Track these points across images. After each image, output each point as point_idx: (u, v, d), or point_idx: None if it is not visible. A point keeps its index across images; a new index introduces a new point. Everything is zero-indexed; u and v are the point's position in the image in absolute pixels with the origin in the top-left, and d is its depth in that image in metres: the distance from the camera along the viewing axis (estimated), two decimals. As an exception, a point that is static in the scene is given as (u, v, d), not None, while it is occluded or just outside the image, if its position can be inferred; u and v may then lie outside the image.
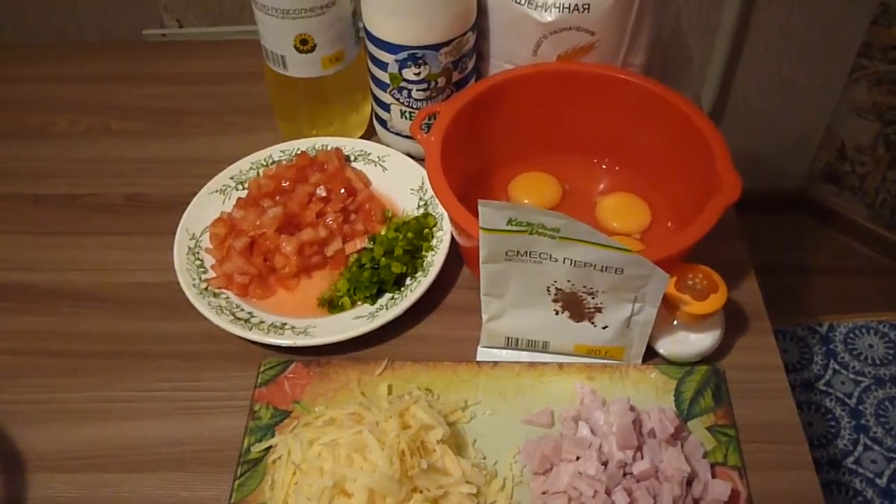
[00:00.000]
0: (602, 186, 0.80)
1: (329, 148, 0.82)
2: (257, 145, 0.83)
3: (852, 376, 1.37)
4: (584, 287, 0.62)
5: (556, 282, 0.62)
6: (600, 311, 0.64)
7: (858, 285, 1.68)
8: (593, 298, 0.63)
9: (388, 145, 0.84)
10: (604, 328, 0.65)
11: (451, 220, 0.68)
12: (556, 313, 0.65)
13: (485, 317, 0.67)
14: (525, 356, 0.69)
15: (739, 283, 0.73)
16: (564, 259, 0.60)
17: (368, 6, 0.75)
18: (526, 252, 0.60)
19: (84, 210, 0.83)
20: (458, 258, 0.75)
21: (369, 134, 0.87)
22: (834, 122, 1.66)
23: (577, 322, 0.65)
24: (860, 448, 1.27)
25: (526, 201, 0.79)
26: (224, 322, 0.68)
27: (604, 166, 0.81)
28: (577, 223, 0.56)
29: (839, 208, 1.78)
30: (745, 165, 0.70)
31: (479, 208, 0.57)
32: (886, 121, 1.62)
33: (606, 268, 0.59)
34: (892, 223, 1.71)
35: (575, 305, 0.64)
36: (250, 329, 0.68)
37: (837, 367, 1.38)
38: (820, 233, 1.79)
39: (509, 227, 0.58)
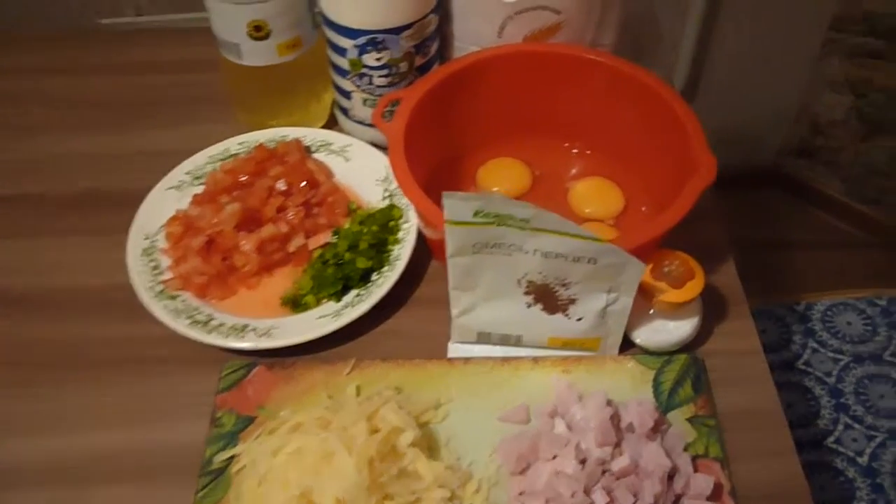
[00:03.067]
0: (574, 171, 0.78)
1: (289, 139, 0.78)
2: (215, 137, 0.80)
3: (831, 354, 1.36)
4: (557, 278, 0.59)
5: (527, 274, 0.59)
6: (574, 303, 0.61)
7: (834, 259, 1.67)
8: (566, 290, 0.60)
9: (350, 134, 0.80)
10: (578, 320, 0.63)
11: (417, 211, 0.65)
12: (529, 306, 0.62)
13: (454, 311, 0.64)
14: (498, 350, 0.66)
15: (717, 266, 0.71)
16: (535, 250, 0.57)
17: (325, -11, 0.72)
18: (494, 244, 0.57)
19: (31, 208, 0.79)
20: (427, 250, 0.72)
21: (331, 123, 0.84)
22: (807, 96, 1.64)
23: (551, 314, 0.63)
24: (840, 427, 1.26)
25: (495, 189, 0.76)
26: (182, 326, 0.65)
27: (575, 150, 0.79)
28: (547, 213, 0.54)
29: (813, 183, 1.77)
30: (718, 141, 0.68)
31: (444, 200, 0.54)
32: (859, 94, 1.61)
33: (579, 258, 0.57)
34: (866, 197, 1.71)
35: (548, 297, 0.61)
36: (210, 333, 0.65)
37: (816, 345, 1.37)
38: (794, 207, 1.78)
39: (476, 220, 0.55)
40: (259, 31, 0.73)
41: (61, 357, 0.68)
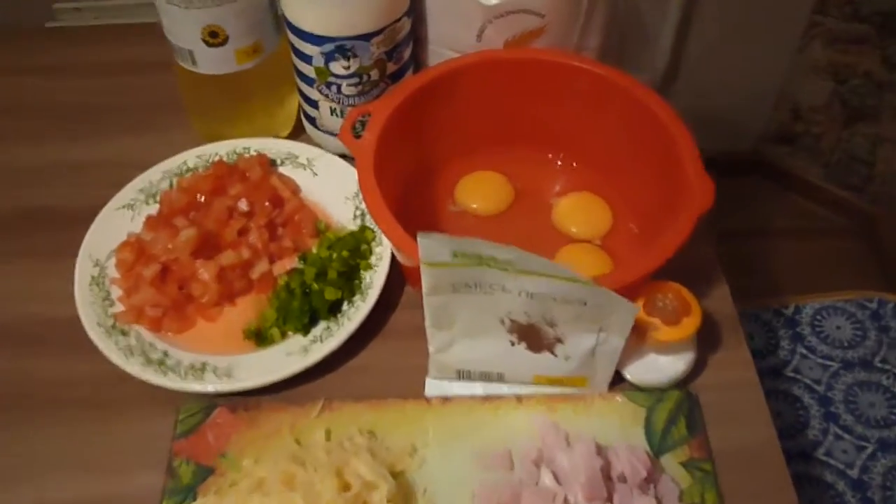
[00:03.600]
0: (558, 187, 0.73)
1: (251, 152, 0.73)
2: (171, 148, 0.74)
3: (820, 361, 1.33)
4: (543, 318, 0.54)
5: (510, 313, 0.55)
6: (561, 342, 0.57)
7: (816, 247, 1.65)
8: (553, 329, 0.55)
9: (318, 145, 0.75)
10: (566, 359, 0.58)
11: (391, 243, 0.60)
12: (512, 344, 0.58)
13: (431, 348, 0.59)
14: (479, 388, 0.62)
15: (708, 290, 0.67)
16: (520, 291, 0.52)
17: (286, -8, 0.66)
18: (475, 284, 0.52)
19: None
20: (400, 275, 0.67)
21: (297, 131, 0.78)
22: (788, 81, 1.61)
23: (536, 353, 0.58)
24: (830, 437, 1.23)
25: (474, 205, 0.71)
26: (134, 367, 0.60)
27: (559, 162, 0.74)
28: (531, 256, 0.49)
29: (794, 169, 1.75)
30: (698, 126, 0.64)
31: (419, 241, 0.49)
32: (841, 80, 1.57)
33: (567, 300, 0.52)
34: (847, 183, 1.68)
35: (533, 336, 0.57)
36: (165, 374, 0.60)
37: (805, 351, 1.34)
38: (775, 194, 1.76)
39: (455, 261, 0.50)
40: (215, 38, 0.66)
41: (2, 397, 0.62)
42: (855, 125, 1.60)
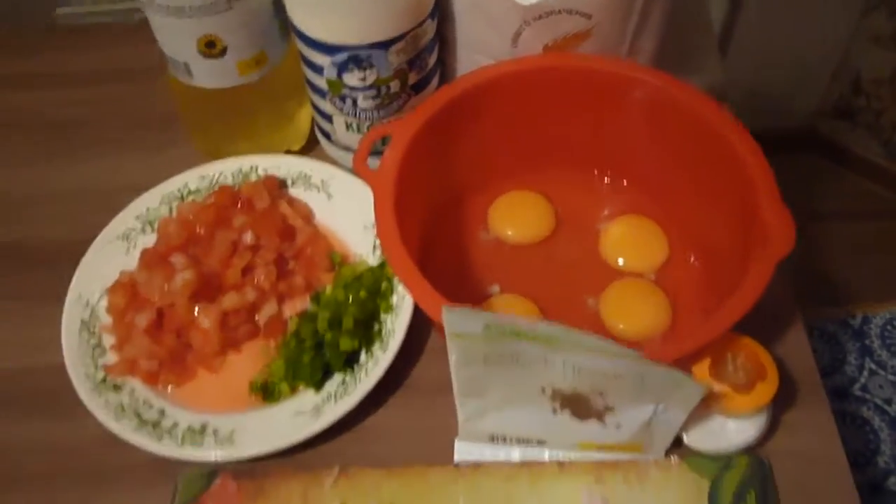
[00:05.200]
0: (606, 211, 0.64)
1: (259, 173, 0.65)
2: (170, 167, 0.66)
3: (892, 378, 1.22)
4: (592, 389, 0.46)
5: (552, 384, 0.46)
6: (612, 412, 0.48)
7: (877, 230, 1.55)
8: (603, 399, 0.47)
9: (334, 162, 0.66)
10: (617, 428, 0.50)
11: (414, 299, 0.52)
12: (554, 412, 0.50)
13: (461, 417, 0.51)
14: (516, 452, 0.54)
15: (783, 338, 0.58)
16: (564, 363, 0.44)
17: (291, -3, 0.57)
18: (511, 356, 0.44)
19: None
20: (426, 318, 0.59)
21: (312, 144, 0.70)
22: (849, 52, 1.50)
23: (582, 420, 0.50)
24: (903, 466, 1.14)
25: (510, 232, 0.63)
26: (127, 430, 0.53)
27: (607, 180, 0.65)
28: (580, 333, 0.41)
29: (853, 146, 1.65)
30: (751, 100, 0.56)
31: (444, 315, 0.41)
32: (908, 50, 1.47)
33: (619, 376, 0.44)
34: (910, 162, 1.58)
35: (579, 405, 0.49)
36: (160, 438, 0.53)
37: (874, 366, 1.23)
38: (832, 173, 1.67)
39: (488, 334, 0.42)
40: (212, 48, 0.58)
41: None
42: (920, 100, 1.49)
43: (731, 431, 0.52)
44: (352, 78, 0.59)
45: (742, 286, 0.47)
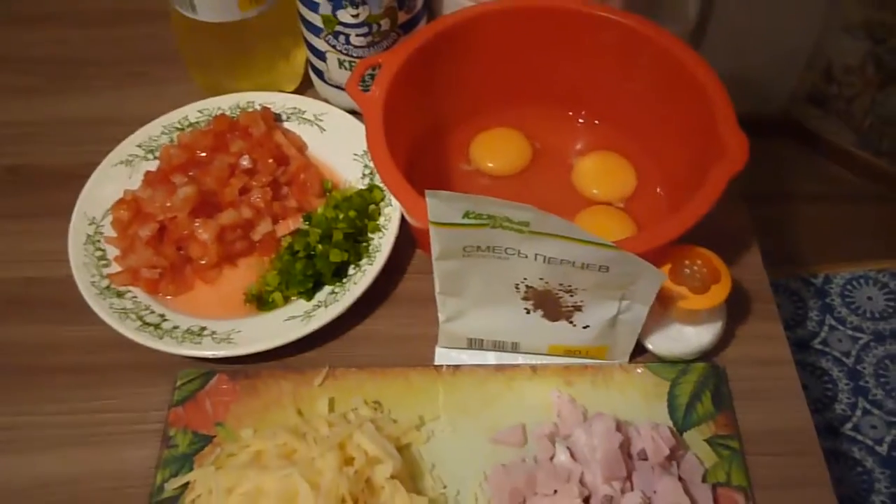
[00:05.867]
0: (579, 145, 0.68)
1: (255, 106, 0.69)
2: (170, 102, 0.70)
3: (850, 332, 1.27)
4: (561, 285, 0.51)
5: (525, 279, 0.51)
6: (580, 310, 0.53)
7: (845, 214, 1.59)
8: (571, 297, 0.52)
9: (326, 100, 0.71)
10: (584, 328, 0.54)
11: (399, 204, 0.56)
12: (527, 312, 0.54)
13: (441, 317, 0.56)
14: (491, 357, 0.58)
15: (738, 257, 0.63)
16: (536, 255, 0.48)
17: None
18: (488, 247, 0.48)
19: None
20: (410, 238, 0.63)
21: (305, 86, 0.74)
22: (821, 40, 1.54)
23: (553, 321, 0.54)
24: (859, 412, 1.18)
25: (490, 164, 0.67)
26: (129, 330, 0.57)
27: (581, 120, 0.69)
28: (549, 216, 0.45)
29: (825, 133, 1.68)
30: (728, 85, 0.59)
31: (427, 199, 0.45)
32: (877, 39, 1.51)
33: (587, 265, 0.48)
34: (880, 149, 1.62)
35: (549, 304, 0.53)
36: (161, 338, 0.57)
37: (834, 322, 1.29)
38: (805, 159, 1.70)
39: (466, 221, 0.46)
40: (216, -18, 0.62)
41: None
42: (890, 88, 1.53)
43: (690, 336, 0.56)
44: (345, 14, 0.63)
45: (701, 191, 0.52)
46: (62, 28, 0.81)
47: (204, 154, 0.64)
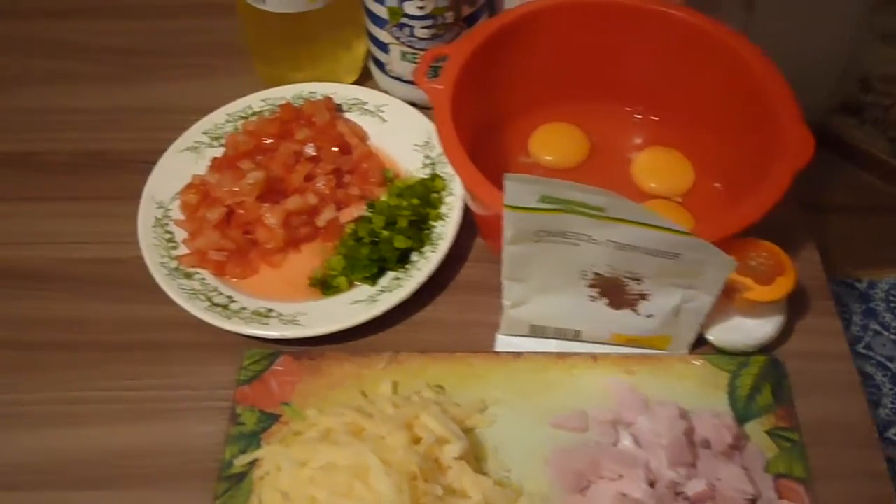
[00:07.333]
0: (637, 140, 0.69)
1: (317, 96, 0.70)
2: (233, 92, 0.71)
3: (894, 338, 1.27)
4: (628, 272, 0.51)
5: (593, 266, 0.52)
6: (645, 298, 0.54)
7: (879, 225, 1.58)
8: (638, 284, 0.52)
9: (386, 92, 0.72)
10: (648, 317, 0.55)
11: (468, 190, 0.57)
12: (592, 299, 0.55)
13: (506, 303, 0.57)
14: (552, 345, 0.59)
15: (797, 253, 0.63)
16: (607, 241, 0.49)
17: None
18: (560, 232, 0.49)
19: (32, 171, 0.71)
20: (471, 226, 0.64)
21: (364, 78, 0.75)
22: (857, 49, 1.53)
23: (617, 310, 0.55)
24: (903, 418, 1.19)
25: (548, 158, 0.68)
26: (198, 309, 0.58)
27: (638, 116, 0.70)
28: (626, 201, 0.46)
29: (860, 143, 1.67)
30: None
31: (505, 183, 0.46)
32: (916, 48, 1.50)
33: (657, 252, 0.49)
34: (917, 160, 1.61)
35: (615, 291, 0.54)
36: (229, 318, 0.58)
37: (878, 327, 1.28)
38: (840, 168, 1.69)
39: (541, 206, 0.47)
40: (286, -27, 0.64)
41: (66, 339, 0.61)
42: (928, 98, 1.53)
43: (751, 328, 0.57)
44: (411, 6, 0.64)
45: (767, 184, 0.52)
46: (130, 20, 0.83)
47: (270, 141, 0.65)
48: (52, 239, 0.66)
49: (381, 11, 0.66)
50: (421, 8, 0.64)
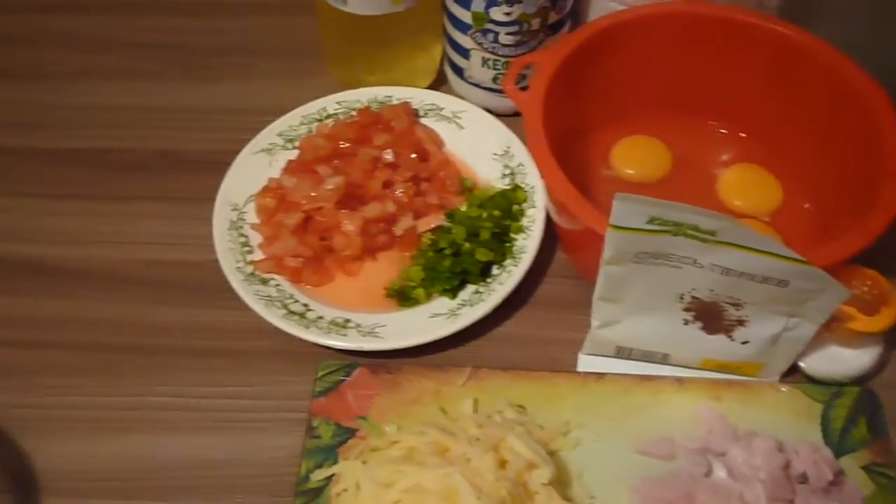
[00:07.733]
0: (723, 157, 0.67)
1: (393, 100, 0.68)
2: (307, 94, 0.70)
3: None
4: (730, 297, 0.49)
5: (693, 289, 0.50)
6: (742, 325, 0.52)
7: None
8: (737, 310, 0.50)
9: (463, 98, 0.70)
10: (743, 343, 0.53)
11: (559, 204, 0.56)
12: (686, 323, 0.53)
13: (595, 322, 0.55)
14: (634, 366, 0.57)
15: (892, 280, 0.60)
16: (712, 265, 0.47)
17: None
18: (662, 254, 0.47)
19: (110, 169, 0.70)
20: (552, 240, 0.62)
21: (437, 83, 0.74)
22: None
23: (711, 335, 0.53)
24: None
25: (630, 171, 0.66)
26: (276, 317, 0.57)
27: (723, 130, 0.68)
28: (741, 226, 0.44)
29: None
30: None
31: (615, 203, 0.44)
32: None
33: (767, 279, 0.47)
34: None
35: (711, 316, 0.52)
36: (307, 327, 0.56)
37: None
38: None
39: (648, 227, 0.45)
40: (372, -26, 0.62)
41: (139, 342, 0.60)
42: None
43: (848, 358, 0.55)
44: (498, 12, 0.63)
45: (878, 209, 0.50)
46: (205, 17, 0.82)
47: (347, 146, 0.64)
48: (132, 239, 0.65)
49: (465, 16, 0.64)
50: (507, 14, 0.62)
